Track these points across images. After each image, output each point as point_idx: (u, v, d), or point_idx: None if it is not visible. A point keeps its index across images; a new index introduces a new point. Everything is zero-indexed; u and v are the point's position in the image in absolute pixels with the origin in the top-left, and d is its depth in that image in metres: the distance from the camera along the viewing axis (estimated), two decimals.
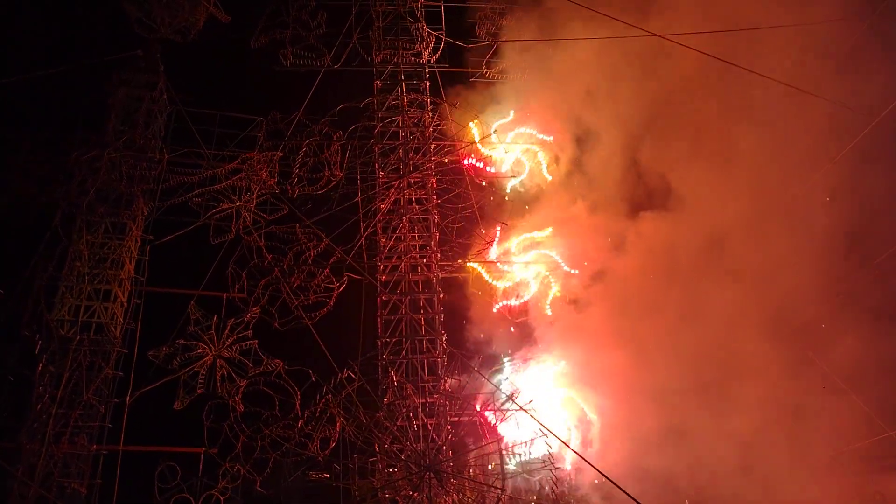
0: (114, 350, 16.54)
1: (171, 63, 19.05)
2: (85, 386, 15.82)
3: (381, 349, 18.30)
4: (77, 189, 16.87)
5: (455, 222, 20.12)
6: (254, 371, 16.56)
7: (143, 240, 17.86)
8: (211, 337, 16.67)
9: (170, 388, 16.32)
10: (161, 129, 18.78)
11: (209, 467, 16.00)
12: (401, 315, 18.83)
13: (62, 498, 15.01)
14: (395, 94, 20.89)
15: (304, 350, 17.20)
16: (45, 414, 15.19)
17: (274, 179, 18.50)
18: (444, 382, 17.79)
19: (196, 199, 17.96)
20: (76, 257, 16.52)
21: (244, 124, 18.78)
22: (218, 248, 17.69)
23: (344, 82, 20.76)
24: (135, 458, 16.33)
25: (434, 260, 19.63)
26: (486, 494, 15.56)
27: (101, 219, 17.12)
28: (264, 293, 17.33)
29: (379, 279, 19.06)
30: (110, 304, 16.63)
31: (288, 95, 19.93)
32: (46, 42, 20.26)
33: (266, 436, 15.97)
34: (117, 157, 17.31)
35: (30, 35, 20.49)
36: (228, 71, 21.76)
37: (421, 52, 21.20)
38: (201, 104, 18.75)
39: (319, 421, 16.13)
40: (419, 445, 16.02)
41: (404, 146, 20.25)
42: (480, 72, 22.08)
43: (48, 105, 18.68)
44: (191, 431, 16.23)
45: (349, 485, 15.88)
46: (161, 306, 17.81)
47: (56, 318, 15.98)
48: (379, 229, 19.52)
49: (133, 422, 16.28)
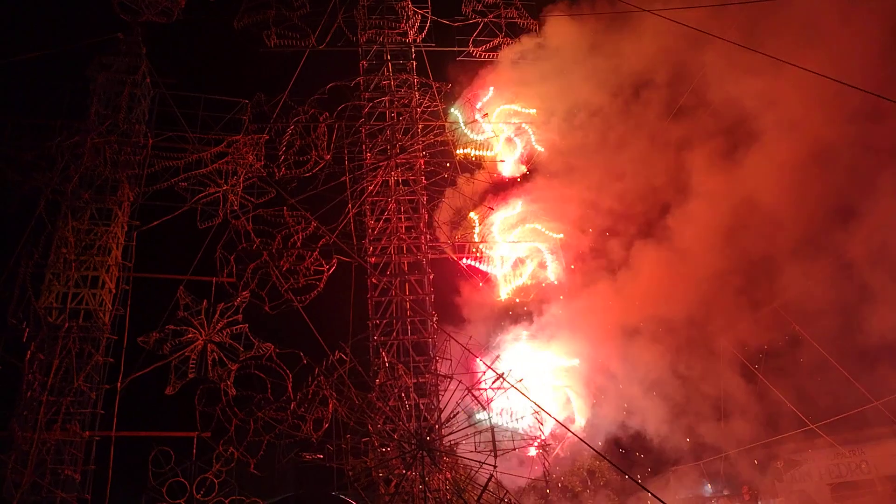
0: (103, 336, 16.47)
1: (153, 46, 18.80)
2: (75, 373, 15.76)
3: (371, 330, 18.32)
4: (60, 175, 16.67)
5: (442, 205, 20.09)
6: (245, 355, 16.55)
7: (129, 225, 17.70)
8: (201, 322, 16.62)
9: (161, 374, 16.32)
10: (145, 113, 18.56)
11: (203, 451, 16.03)
12: (391, 296, 18.83)
13: (56, 484, 15.01)
14: (381, 75, 20.69)
15: (295, 333, 17.20)
16: (35, 401, 15.14)
17: (261, 162, 18.34)
18: (435, 362, 17.85)
19: (182, 183, 17.80)
20: (62, 244, 16.37)
21: (229, 107, 18.56)
22: (205, 232, 17.60)
23: (329, 63, 20.56)
24: (128, 443, 16.33)
25: (423, 241, 19.59)
26: (478, 471, 15.69)
27: (87, 205, 16.94)
28: (253, 277, 17.25)
29: (368, 261, 19.02)
30: (98, 291, 16.52)
31: (273, 77, 19.74)
32: (25, 26, 19.92)
33: (259, 419, 16.00)
34: (101, 143, 17.10)
35: (8, 19, 20.14)
36: (212, 53, 21.50)
37: (407, 32, 20.97)
38: (185, 87, 18.54)
39: (312, 403, 16.17)
40: (412, 425, 16.10)
41: (391, 127, 20.10)
42: (467, 51, 21.88)
43: (29, 90, 18.40)
44: (183, 416, 16.25)
45: (343, 465, 15.96)
46: (150, 292, 17.73)
47: (44, 306, 15.87)
48: (367, 211, 19.43)
49: (125, 407, 16.24)
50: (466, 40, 21.75)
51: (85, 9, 19.91)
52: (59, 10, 20.36)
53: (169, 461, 15.73)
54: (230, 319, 16.80)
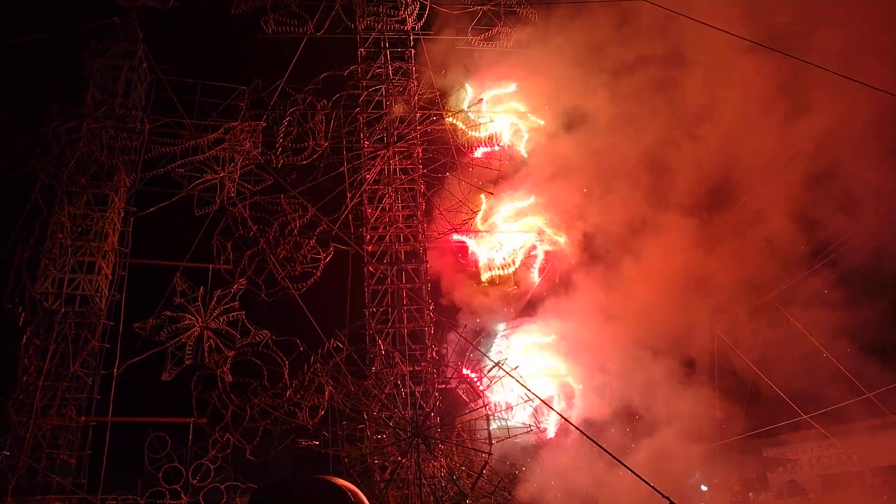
0: (99, 322, 16.46)
1: (150, 31, 18.65)
2: (71, 358, 15.77)
3: (368, 319, 18.36)
4: (57, 160, 16.60)
5: (441, 192, 20.06)
6: (242, 342, 16.59)
7: (126, 211, 17.66)
8: (197, 308, 16.64)
9: (158, 360, 16.35)
10: (141, 98, 18.44)
11: (199, 437, 16.12)
12: (388, 285, 18.86)
13: (52, 469, 15.07)
14: (379, 62, 20.60)
15: (292, 320, 17.25)
16: (31, 386, 15.16)
17: (258, 149, 18.28)
18: (431, 350, 17.93)
19: (179, 169, 17.73)
20: (58, 229, 16.32)
21: (226, 93, 18.46)
22: (202, 219, 17.57)
23: (327, 50, 20.43)
24: (124, 428, 16.40)
25: (421, 230, 19.60)
26: (473, 458, 15.82)
27: (83, 190, 16.88)
28: (250, 264, 17.27)
29: (366, 249, 19.03)
30: (94, 277, 16.49)
31: (271, 63, 19.62)
32: (20, 10, 19.74)
33: (255, 405, 16.08)
34: (97, 128, 17.01)
35: (4, 3, 19.94)
36: (209, 38, 21.34)
37: (405, 19, 20.85)
38: (182, 73, 18.42)
39: (308, 390, 16.24)
40: (407, 412, 16.20)
41: (389, 115, 20.04)
42: (467, 39, 21.74)
43: (24, 75, 18.28)
44: (180, 402, 16.32)
45: (338, 452, 16.06)
46: (146, 278, 17.74)
47: (40, 291, 15.85)
48: (365, 199, 19.41)
49: (121, 393, 16.30)
50: (465, 28, 21.59)
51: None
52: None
53: (165, 447, 15.82)
54: (227, 306, 16.84)
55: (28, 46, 17.29)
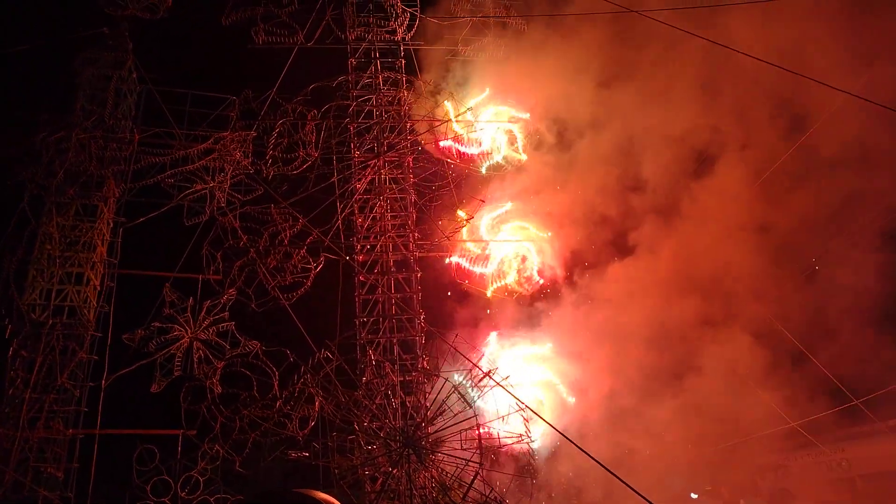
0: (87, 334, 16.34)
1: (139, 41, 18.64)
2: (59, 370, 15.64)
3: (358, 329, 18.32)
4: (45, 170, 16.51)
5: (432, 201, 20.08)
6: (231, 352, 16.49)
7: (115, 222, 17.58)
8: (187, 319, 16.54)
9: (146, 371, 16.22)
10: (131, 108, 18.40)
11: (188, 449, 15.98)
12: (378, 295, 18.84)
13: (38, 483, 14.89)
14: (369, 73, 20.67)
15: (282, 331, 17.18)
16: (18, 399, 15.00)
17: (248, 160, 18.27)
18: (421, 360, 17.89)
19: (169, 180, 17.67)
20: (46, 240, 16.22)
21: (216, 103, 18.46)
22: (192, 229, 17.51)
23: (317, 60, 20.50)
24: (112, 441, 16.24)
25: (411, 239, 19.61)
26: (464, 469, 15.75)
27: (72, 201, 16.79)
28: (240, 274, 17.20)
29: (356, 259, 19.02)
30: (83, 288, 16.38)
31: (261, 74, 19.66)
32: (9, 19, 19.69)
33: (245, 416, 15.96)
34: (86, 138, 16.94)
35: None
36: (200, 49, 21.36)
37: (395, 30, 20.96)
38: (172, 83, 18.43)
39: (298, 401, 16.15)
40: (398, 423, 16.13)
41: (379, 125, 20.09)
42: (456, 49, 21.88)
43: (12, 85, 18.20)
44: (168, 414, 16.19)
45: (329, 463, 15.97)
46: (135, 289, 17.63)
47: (27, 303, 15.73)
48: (356, 209, 19.41)
49: (109, 405, 16.16)
50: (455, 38, 21.73)
51: (71, 2, 19.69)
52: (46, 4, 20.15)
53: (153, 459, 15.66)
54: (216, 317, 16.74)
55: (17, 55, 17.24)
